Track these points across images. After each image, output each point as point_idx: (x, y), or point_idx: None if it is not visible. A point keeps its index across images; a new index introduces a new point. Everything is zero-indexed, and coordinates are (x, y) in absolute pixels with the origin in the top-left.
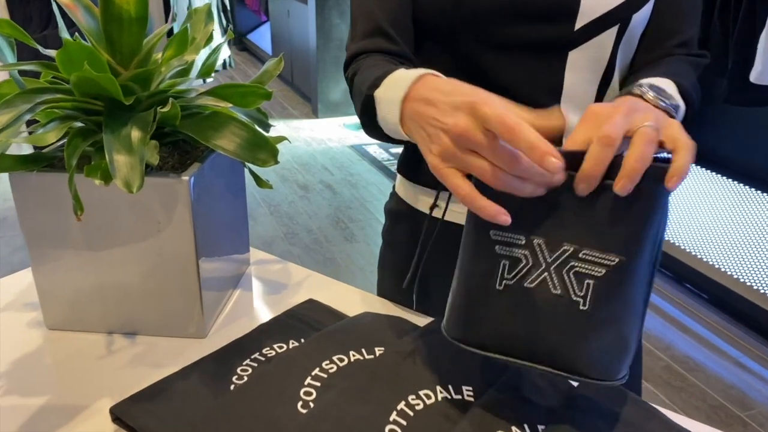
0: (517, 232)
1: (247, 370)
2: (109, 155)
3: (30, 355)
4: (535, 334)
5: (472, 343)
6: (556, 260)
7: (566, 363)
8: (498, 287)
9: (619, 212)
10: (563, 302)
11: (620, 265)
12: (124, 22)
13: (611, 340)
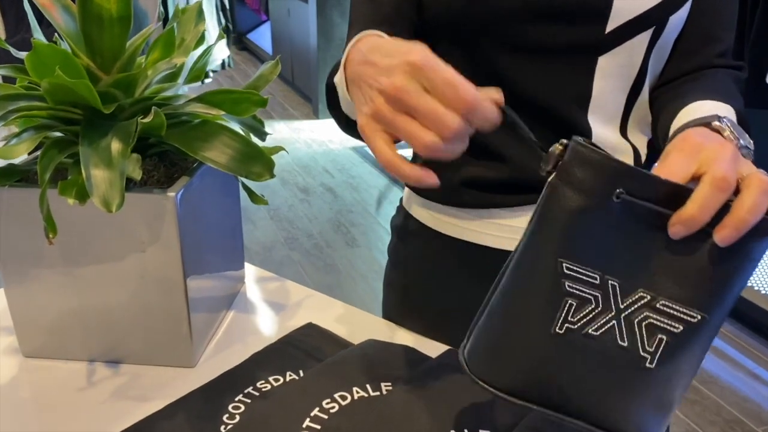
0: (592, 268)
1: (239, 407)
2: (86, 170)
3: (5, 386)
4: (581, 387)
5: (499, 386)
6: (629, 307)
7: (607, 420)
8: (557, 330)
9: (712, 264)
10: (627, 357)
11: (701, 322)
12: (104, 21)
13: (664, 401)
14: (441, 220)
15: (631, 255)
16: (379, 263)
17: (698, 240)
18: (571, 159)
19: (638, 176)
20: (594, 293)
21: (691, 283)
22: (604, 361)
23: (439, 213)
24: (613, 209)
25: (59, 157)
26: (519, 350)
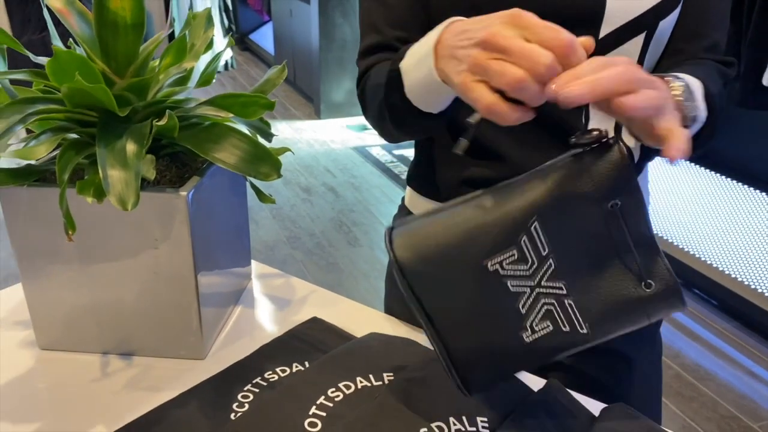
0: (549, 242)
1: (248, 396)
2: (103, 170)
3: (22, 377)
4: (466, 317)
5: (412, 276)
6: (545, 288)
7: (458, 357)
8: (489, 264)
9: (617, 306)
10: (516, 321)
11: (584, 336)
12: (119, 28)
13: (507, 369)
14: None
15: (579, 254)
16: (380, 262)
17: (628, 286)
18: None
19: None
20: (533, 259)
21: (600, 307)
22: (497, 311)
23: None
24: (599, 212)
25: (77, 159)
26: (445, 256)
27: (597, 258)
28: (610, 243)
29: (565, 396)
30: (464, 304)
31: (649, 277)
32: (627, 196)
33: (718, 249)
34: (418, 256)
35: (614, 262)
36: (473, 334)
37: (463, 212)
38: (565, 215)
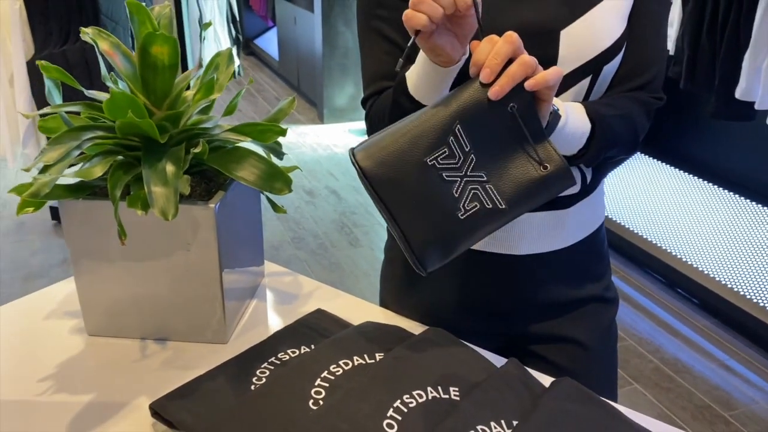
0: (470, 141)
1: (265, 372)
2: (148, 187)
3: (73, 358)
4: (414, 203)
5: (372, 178)
6: (471, 177)
7: (411, 233)
8: (427, 160)
9: (527, 184)
10: (451, 202)
11: (502, 210)
12: (158, 69)
13: (450, 244)
14: None
15: (495, 150)
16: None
17: (531, 169)
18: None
19: (531, 108)
20: (460, 155)
21: (512, 188)
22: (438, 197)
23: None
24: (504, 114)
25: (126, 178)
26: (398, 160)
27: (506, 150)
28: (514, 137)
29: (521, 371)
30: (413, 194)
31: (546, 161)
32: (520, 99)
33: (700, 252)
34: (376, 162)
35: (519, 152)
36: (422, 218)
37: (408, 124)
38: (478, 119)
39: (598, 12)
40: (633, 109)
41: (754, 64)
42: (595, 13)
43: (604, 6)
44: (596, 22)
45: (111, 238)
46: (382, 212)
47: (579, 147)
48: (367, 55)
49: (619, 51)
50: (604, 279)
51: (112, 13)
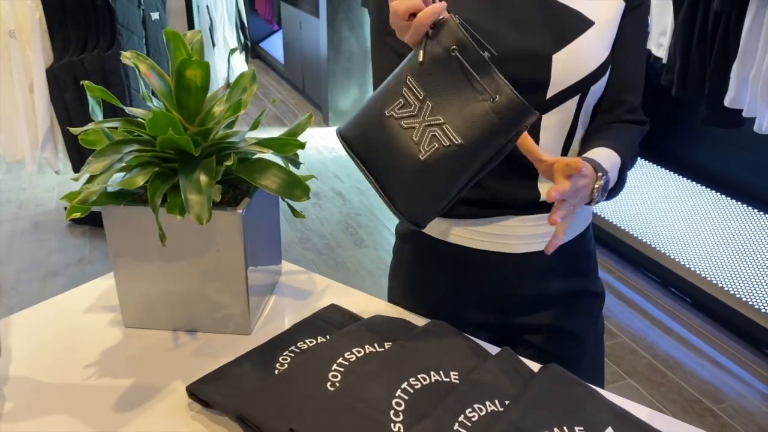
0: (423, 89)
1: (286, 359)
2: (184, 195)
3: (112, 348)
4: (385, 158)
5: (346, 138)
6: (428, 121)
7: (390, 187)
8: (386, 113)
9: (482, 121)
10: (412, 147)
11: (460, 147)
12: (192, 89)
13: (425, 188)
14: (433, 227)
15: (447, 93)
16: (384, 262)
17: (482, 103)
18: (446, 27)
19: (471, 47)
20: (415, 103)
21: (467, 123)
22: (401, 145)
23: (435, 223)
24: (449, 60)
25: (164, 187)
26: (365, 119)
27: (458, 91)
28: (461, 77)
29: (513, 357)
30: (381, 148)
31: (495, 92)
32: (458, 42)
33: (693, 252)
34: (351, 126)
35: (469, 90)
36: (393, 170)
37: (375, 92)
38: (429, 69)
39: (584, 39)
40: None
41: (742, 74)
42: (582, 40)
43: (590, 34)
44: (583, 48)
45: (148, 239)
46: (364, 175)
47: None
48: (377, 67)
49: (604, 73)
50: (591, 274)
51: (127, 23)
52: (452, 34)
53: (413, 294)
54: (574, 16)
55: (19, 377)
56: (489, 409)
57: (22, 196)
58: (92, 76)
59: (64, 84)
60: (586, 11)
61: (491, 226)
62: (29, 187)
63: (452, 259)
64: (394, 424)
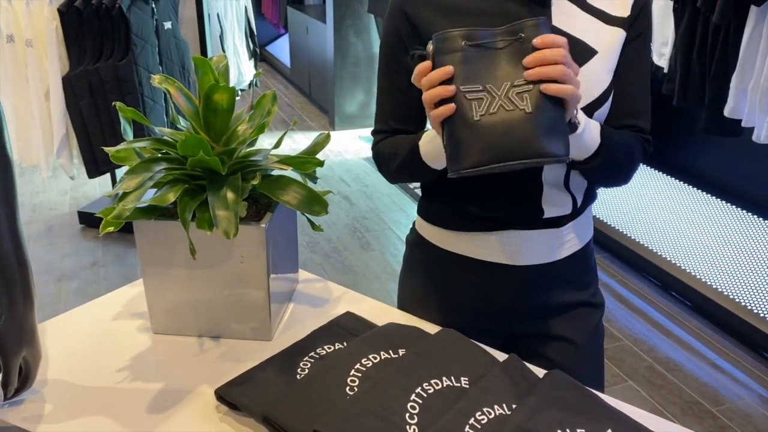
0: (475, 83)
1: (307, 364)
2: (213, 211)
3: (141, 353)
4: (505, 141)
5: (480, 164)
6: (503, 91)
7: (534, 149)
8: (475, 118)
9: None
10: (516, 113)
11: (535, 87)
12: (218, 112)
13: (549, 125)
14: (443, 239)
15: (491, 69)
16: (390, 265)
17: (518, 47)
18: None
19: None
20: (483, 94)
21: (521, 72)
22: (508, 121)
23: (442, 234)
24: (466, 53)
25: (193, 204)
26: (471, 139)
27: (496, 61)
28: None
29: (520, 364)
30: (498, 139)
31: (517, 32)
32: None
33: (694, 257)
34: (465, 154)
35: (501, 53)
36: (518, 140)
37: (451, 124)
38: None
39: (589, 68)
40: (636, 145)
41: (741, 85)
42: (586, 69)
43: (594, 62)
44: (588, 76)
45: (176, 250)
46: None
47: (586, 156)
48: (383, 95)
49: (607, 98)
50: (591, 286)
51: (141, 33)
52: (451, 40)
53: (421, 301)
54: (579, 45)
55: (56, 381)
56: (497, 412)
57: (35, 200)
58: (107, 84)
59: (79, 92)
60: (589, 40)
61: (497, 240)
62: (42, 190)
63: (458, 269)
64: (409, 426)
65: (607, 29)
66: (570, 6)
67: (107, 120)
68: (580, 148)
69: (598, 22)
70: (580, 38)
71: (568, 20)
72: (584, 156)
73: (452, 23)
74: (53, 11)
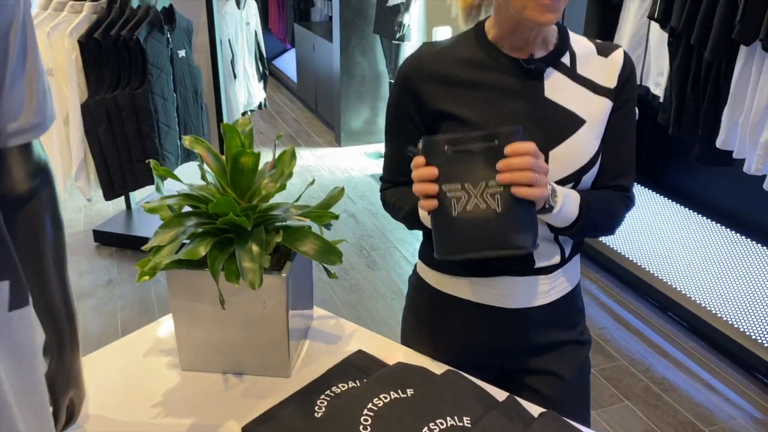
0: (455, 182)
1: (324, 402)
2: (240, 264)
3: (171, 389)
4: (480, 235)
5: (456, 253)
6: (479, 191)
7: (502, 242)
8: (454, 214)
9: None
10: (488, 211)
11: (506, 189)
12: (245, 172)
13: (518, 222)
14: (441, 282)
15: (470, 171)
16: (396, 284)
17: (492, 151)
18: (425, 144)
19: (454, 140)
20: (462, 192)
21: (495, 173)
22: (481, 218)
23: (440, 278)
24: (449, 155)
25: (222, 257)
26: (451, 232)
27: (473, 161)
28: (467, 156)
29: (517, 404)
30: (472, 234)
31: (492, 139)
32: (446, 143)
33: (691, 280)
34: (446, 245)
35: (476, 156)
36: (490, 235)
37: (435, 220)
38: (445, 172)
39: (578, 136)
40: (617, 206)
41: (732, 118)
42: (575, 138)
43: (582, 131)
44: (577, 144)
45: (204, 296)
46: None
47: (566, 225)
48: (389, 155)
49: (595, 163)
50: (579, 326)
51: (157, 62)
52: (436, 144)
53: (422, 338)
54: (568, 116)
55: (96, 416)
56: None
57: None
58: (123, 111)
59: (97, 119)
60: (578, 111)
61: (491, 285)
62: None
63: (455, 309)
64: None
65: (596, 99)
66: (562, 77)
67: (123, 146)
68: (559, 221)
69: (587, 92)
70: (570, 109)
71: (560, 92)
72: (564, 225)
73: (453, 94)
74: (73, 42)
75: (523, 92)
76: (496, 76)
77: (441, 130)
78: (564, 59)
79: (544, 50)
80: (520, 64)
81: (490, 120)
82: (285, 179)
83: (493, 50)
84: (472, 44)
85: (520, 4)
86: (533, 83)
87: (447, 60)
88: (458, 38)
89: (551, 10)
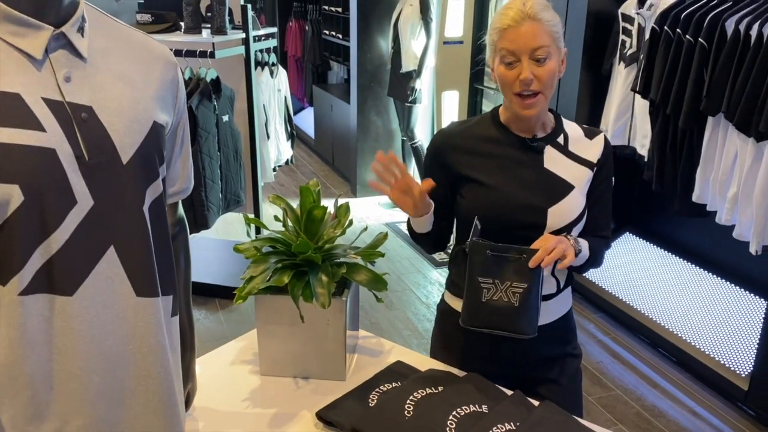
0: (490, 277)
1: (375, 397)
2: (313, 289)
3: (257, 388)
4: (500, 318)
5: (479, 327)
6: (506, 287)
7: (513, 327)
8: (483, 300)
9: (526, 271)
10: (509, 304)
11: (528, 288)
12: (315, 221)
13: (527, 315)
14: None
15: (500, 272)
16: (411, 323)
17: (520, 261)
18: (472, 245)
19: (495, 247)
20: (492, 285)
21: (521, 277)
22: (503, 307)
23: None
24: (489, 257)
25: (300, 285)
26: (478, 311)
27: (505, 266)
28: (501, 260)
29: (522, 397)
30: (496, 316)
31: (521, 254)
32: (490, 248)
33: (678, 319)
34: (472, 316)
35: (509, 261)
36: (508, 319)
37: (467, 302)
38: (483, 268)
39: (569, 198)
40: (604, 248)
41: (704, 176)
42: (567, 199)
43: (572, 194)
44: (569, 203)
45: (282, 315)
46: (494, 334)
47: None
48: None
49: (582, 218)
50: (572, 342)
51: (205, 126)
52: (482, 247)
53: (448, 352)
54: (562, 182)
55: (201, 407)
56: (507, 427)
57: None
58: None
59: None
60: (568, 178)
61: None
62: None
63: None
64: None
65: (582, 170)
66: (557, 153)
67: None
68: (580, 260)
69: (576, 164)
70: (563, 177)
71: (555, 164)
72: (579, 264)
73: (472, 161)
74: None
75: (528, 163)
76: (507, 150)
77: (463, 190)
78: (559, 139)
79: (543, 132)
80: (526, 141)
81: (502, 183)
82: (344, 227)
83: (505, 130)
84: (489, 125)
85: (509, 100)
86: (535, 156)
87: (469, 136)
88: (478, 119)
89: (531, 107)
